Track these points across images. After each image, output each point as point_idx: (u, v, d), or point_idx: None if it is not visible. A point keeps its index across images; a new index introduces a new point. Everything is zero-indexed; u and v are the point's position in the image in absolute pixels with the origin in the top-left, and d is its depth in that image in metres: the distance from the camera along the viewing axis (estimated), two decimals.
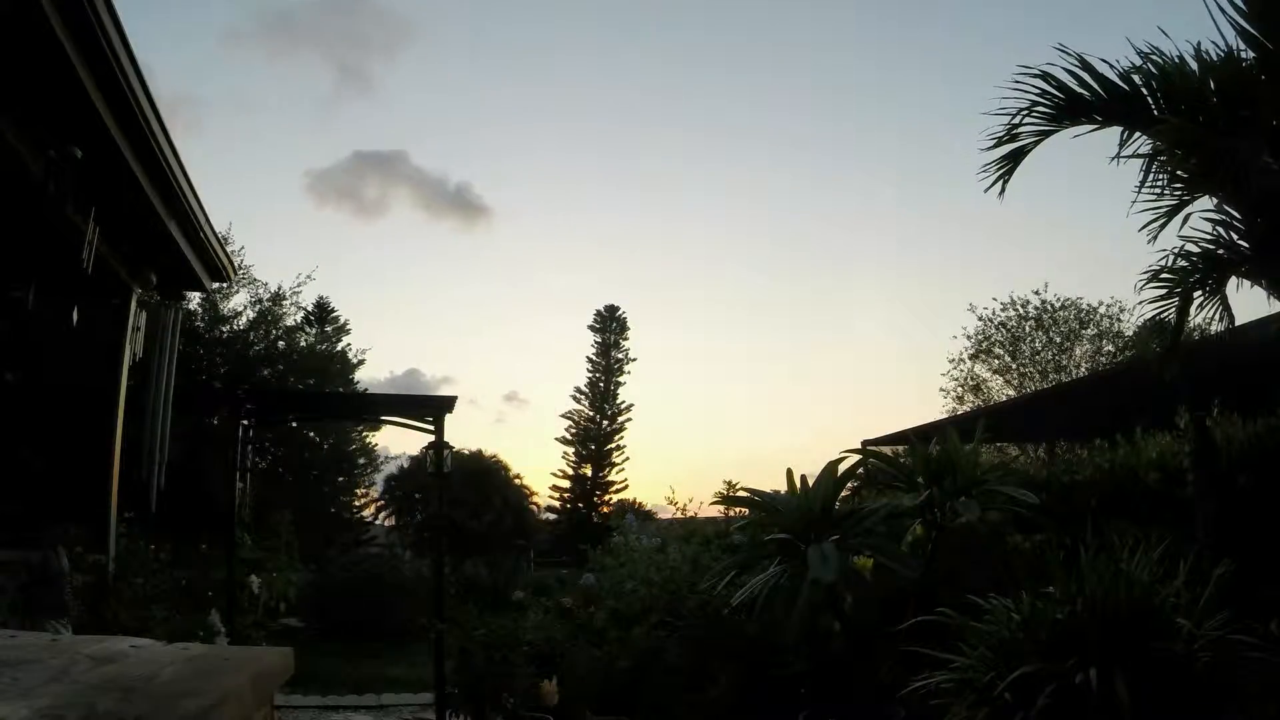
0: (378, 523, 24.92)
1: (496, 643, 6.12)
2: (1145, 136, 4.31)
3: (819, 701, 4.42)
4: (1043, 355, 22.10)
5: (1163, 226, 4.45)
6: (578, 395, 36.64)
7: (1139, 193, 4.38)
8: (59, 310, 6.32)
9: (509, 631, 6.30)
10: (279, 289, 19.07)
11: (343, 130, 38.02)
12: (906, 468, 4.47)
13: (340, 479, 21.59)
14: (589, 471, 36.04)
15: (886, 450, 8.25)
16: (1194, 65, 4.09)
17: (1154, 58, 4.10)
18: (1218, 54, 4.03)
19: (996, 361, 22.60)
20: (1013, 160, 4.50)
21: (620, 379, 36.64)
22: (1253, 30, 3.91)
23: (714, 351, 49.82)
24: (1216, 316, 4.63)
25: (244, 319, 18.60)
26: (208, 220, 6.03)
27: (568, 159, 42.33)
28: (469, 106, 37.26)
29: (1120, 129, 4.31)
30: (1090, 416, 11.09)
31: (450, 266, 43.85)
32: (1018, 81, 4.29)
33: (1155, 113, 4.17)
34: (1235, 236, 4.35)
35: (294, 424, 16.46)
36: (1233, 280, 4.48)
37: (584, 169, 41.47)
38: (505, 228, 46.25)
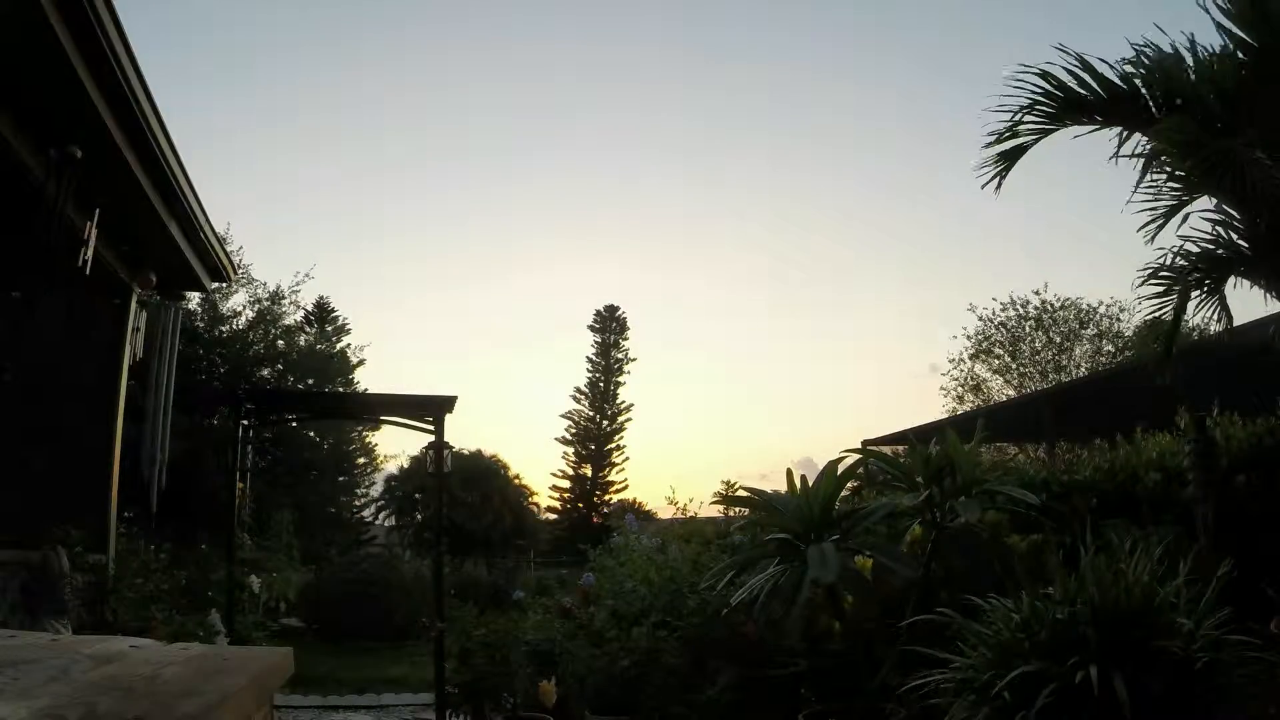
0: (378, 523, 24.92)
1: (496, 643, 6.12)
2: (1144, 136, 4.31)
3: (819, 701, 4.41)
4: (1043, 355, 22.15)
5: (1160, 227, 4.45)
6: (578, 395, 36.71)
7: (1136, 193, 4.40)
8: (59, 310, 6.32)
9: (509, 631, 6.29)
10: (278, 288, 19.10)
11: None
12: (906, 468, 4.46)
13: (340, 479, 21.59)
14: (589, 471, 36.05)
15: (886, 450, 8.26)
16: (1190, 60, 4.10)
17: (1148, 50, 4.10)
18: (1215, 52, 4.04)
19: (996, 361, 22.67)
20: (1010, 158, 4.52)
21: (620, 379, 36.71)
22: (1239, 31, 3.92)
23: (714, 351, 49.97)
24: (1215, 316, 4.63)
25: (243, 319, 18.62)
26: (208, 220, 6.03)
27: (565, 159, 42.31)
28: (467, 104, 37.21)
29: (1119, 129, 4.32)
30: (1090, 416, 11.10)
31: (449, 266, 43.88)
32: (1018, 80, 4.30)
33: (1154, 112, 4.17)
34: (1234, 236, 4.36)
35: (294, 424, 16.44)
36: (1231, 280, 4.49)
37: (583, 168, 41.45)
38: (502, 228, 46.26)
